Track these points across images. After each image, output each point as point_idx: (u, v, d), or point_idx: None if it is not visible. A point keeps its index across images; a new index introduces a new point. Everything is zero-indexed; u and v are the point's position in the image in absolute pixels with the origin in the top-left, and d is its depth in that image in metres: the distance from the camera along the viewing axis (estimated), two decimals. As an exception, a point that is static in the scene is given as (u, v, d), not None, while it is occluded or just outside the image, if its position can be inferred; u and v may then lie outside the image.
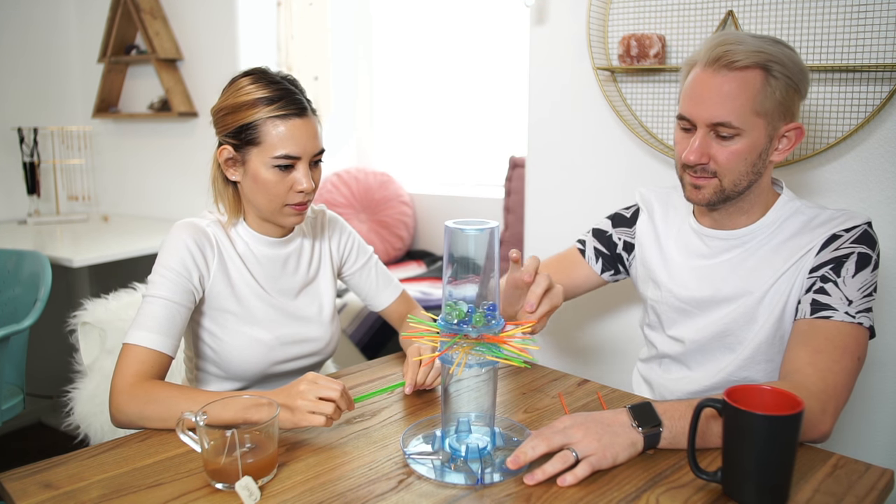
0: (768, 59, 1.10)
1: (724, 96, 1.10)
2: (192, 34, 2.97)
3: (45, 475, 0.93)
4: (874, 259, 1.12)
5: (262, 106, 1.17)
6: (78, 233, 2.88)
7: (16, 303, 2.09)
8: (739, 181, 1.15)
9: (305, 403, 0.99)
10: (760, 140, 1.13)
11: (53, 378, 2.22)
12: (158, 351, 1.14)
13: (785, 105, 1.12)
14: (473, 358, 0.94)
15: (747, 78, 1.10)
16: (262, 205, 1.23)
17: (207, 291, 1.25)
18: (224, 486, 0.89)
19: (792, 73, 1.11)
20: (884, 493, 0.90)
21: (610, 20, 1.77)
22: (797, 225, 1.19)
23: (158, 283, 1.18)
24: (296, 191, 1.21)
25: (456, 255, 0.94)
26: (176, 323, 1.17)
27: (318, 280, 1.37)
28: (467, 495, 0.89)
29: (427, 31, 3.34)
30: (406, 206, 3.32)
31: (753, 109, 1.10)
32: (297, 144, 1.19)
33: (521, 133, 2.12)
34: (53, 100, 3.26)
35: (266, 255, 1.30)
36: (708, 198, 1.18)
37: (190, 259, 1.20)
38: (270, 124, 1.17)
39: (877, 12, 1.41)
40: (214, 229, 1.26)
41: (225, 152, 1.22)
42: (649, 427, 0.95)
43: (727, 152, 1.13)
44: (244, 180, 1.23)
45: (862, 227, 1.14)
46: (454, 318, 0.93)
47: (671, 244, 1.32)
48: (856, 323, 1.08)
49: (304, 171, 1.21)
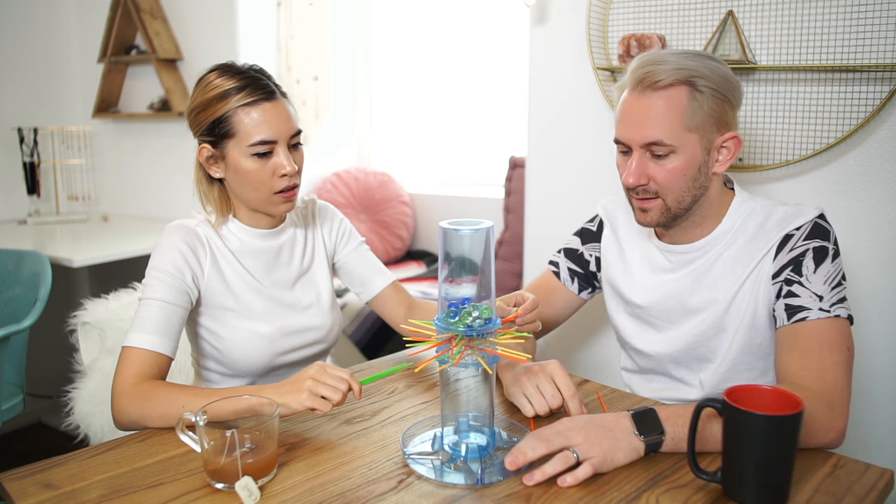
0: (691, 75, 1.11)
1: (652, 116, 1.11)
2: (192, 34, 2.97)
3: (45, 475, 0.93)
4: (832, 249, 1.12)
5: (231, 96, 1.18)
6: (78, 233, 2.88)
7: (16, 303, 2.09)
8: (682, 198, 1.15)
9: (315, 386, 1.00)
10: (696, 154, 1.13)
11: (53, 378, 2.22)
12: (157, 352, 1.14)
13: (716, 117, 1.13)
14: (472, 358, 0.94)
15: (672, 95, 1.11)
16: (250, 196, 1.23)
17: (203, 291, 1.25)
18: (224, 486, 0.89)
19: (717, 84, 1.11)
20: (884, 493, 0.90)
21: (610, 20, 1.77)
22: (752, 227, 1.19)
23: (152, 285, 1.19)
24: (279, 175, 1.20)
25: (451, 256, 0.94)
26: (173, 323, 1.17)
27: (313, 268, 1.38)
28: (467, 495, 0.89)
29: (427, 31, 3.34)
30: (406, 206, 3.32)
31: (683, 125, 1.11)
32: (270, 128, 1.18)
33: (521, 133, 2.12)
34: (53, 100, 3.26)
35: (259, 248, 1.30)
36: (656, 219, 1.18)
37: (182, 260, 1.21)
38: (242, 113, 1.18)
39: (877, 12, 1.41)
40: (204, 228, 1.27)
41: (204, 151, 1.23)
42: (652, 435, 0.95)
43: (665, 171, 1.13)
44: (227, 175, 1.24)
45: (811, 221, 1.13)
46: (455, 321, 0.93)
47: (636, 257, 1.31)
48: (833, 316, 1.07)
49: (283, 155, 1.20)
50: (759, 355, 1.19)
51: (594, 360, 1.96)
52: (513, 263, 2.65)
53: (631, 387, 1.39)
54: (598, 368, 1.95)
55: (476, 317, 0.93)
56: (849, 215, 1.52)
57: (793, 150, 1.55)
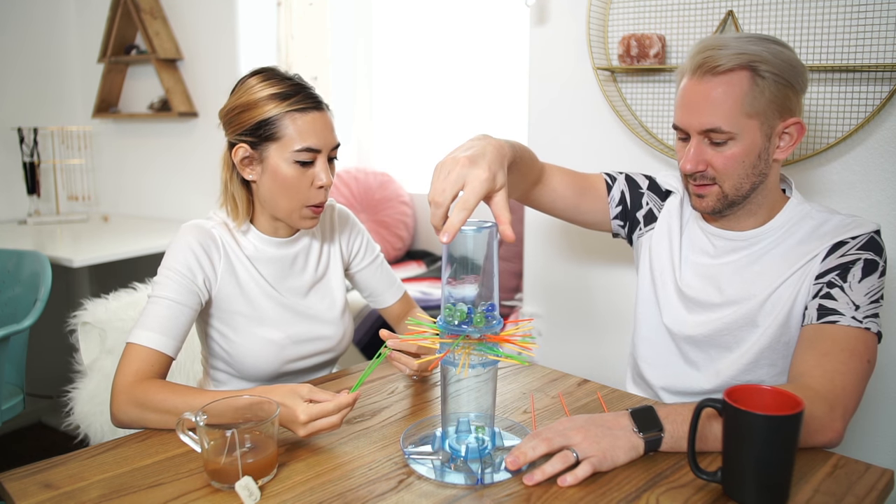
0: (752, 60, 1.09)
1: (711, 102, 1.10)
2: (192, 34, 2.97)
3: (45, 475, 0.93)
4: (881, 265, 1.11)
5: (279, 101, 1.18)
6: (78, 233, 2.88)
7: (16, 303, 2.09)
8: (741, 185, 1.14)
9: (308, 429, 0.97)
10: (756, 141, 1.12)
11: (53, 378, 2.22)
12: (160, 351, 1.14)
13: (778, 102, 1.11)
14: (475, 358, 0.94)
15: (733, 81, 1.09)
16: (280, 205, 1.22)
17: (215, 294, 1.25)
18: (224, 486, 0.89)
19: (780, 69, 1.09)
20: (884, 493, 0.90)
21: (610, 20, 1.77)
22: (806, 230, 1.17)
23: (163, 283, 1.19)
24: (316, 186, 1.21)
25: (455, 256, 0.94)
26: (179, 324, 1.17)
27: (327, 277, 1.37)
28: (467, 495, 0.89)
29: (427, 31, 3.34)
30: (406, 206, 3.32)
31: (743, 111, 1.10)
32: (317, 137, 1.20)
33: (521, 133, 2.11)
34: (53, 100, 3.26)
35: (274, 256, 1.30)
36: (712, 205, 1.17)
37: (194, 261, 1.21)
38: (289, 119, 1.18)
39: (877, 12, 1.42)
40: (220, 231, 1.26)
41: (241, 151, 1.21)
42: (651, 432, 0.95)
43: (723, 157, 1.12)
44: (262, 179, 1.22)
45: (868, 235, 1.12)
46: (455, 320, 0.93)
47: (676, 237, 1.30)
48: (863, 328, 1.07)
49: (323, 166, 1.21)
50: (784, 353, 1.18)
51: (594, 360, 1.96)
52: (513, 263, 2.65)
53: (645, 377, 1.34)
54: (598, 368, 1.95)
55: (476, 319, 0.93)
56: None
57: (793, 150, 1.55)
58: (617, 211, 1.37)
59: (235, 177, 1.26)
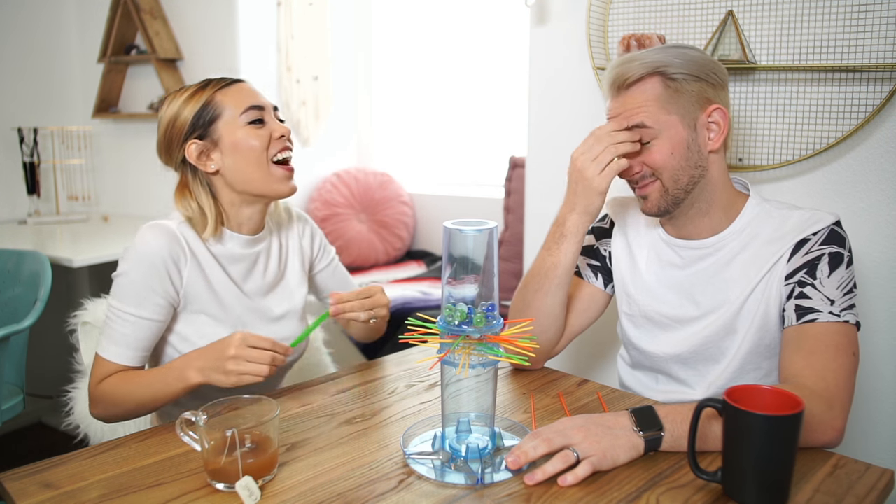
0: (659, 65, 1.14)
1: (633, 108, 1.15)
2: (192, 34, 2.97)
3: (45, 475, 0.93)
4: (847, 256, 1.13)
5: (199, 93, 1.21)
6: (78, 233, 2.88)
7: (16, 303, 2.09)
8: (678, 176, 1.16)
9: (238, 367, 1.04)
10: (682, 133, 1.15)
11: (53, 378, 2.22)
12: (129, 365, 1.18)
13: (695, 96, 1.15)
14: (475, 358, 0.94)
15: (646, 87, 1.14)
16: (251, 172, 1.20)
17: (183, 295, 1.21)
18: (224, 486, 0.89)
19: (688, 67, 1.14)
20: (884, 493, 0.90)
21: (610, 20, 1.77)
22: (769, 230, 1.18)
23: (125, 296, 1.17)
24: (276, 138, 1.22)
25: (455, 256, 0.94)
26: (148, 336, 1.19)
27: (287, 277, 1.36)
28: (467, 495, 0.89)
29: (427, 31, 3.34)
30: (406, 206, 3.32)
31: (662, 109, 1.14)
32: (254, 97, 1.22)
33: (521, 133, 2.12)
34: (53, 100, 3.26)
35: (240, 255, 1.27)
36: (657, 203, 1.18)
37: (155, 277, 1.17)
38: (220, 95, 1.21)
39: (877, 12, 1.41)
40: (184, 229, 1.21)
41: (193, 148, 1.20)
42: (651, 431, 0.95)
43: (654, 153, 1.15)
44: (224, 161, 1.20)
45: (829, 228, 1.14)
46: (455, 320, 0.93)
47: (644, 255, 1.31)
48: (842, 321, 1.08)
49: (273, 120, 1.24)
50: (767, 355, 1.19)
51: (594, 360, 1.96)
52: (513, 263, 2.65)
53: (627, 384, 1.38)
54: (598, 368, 1.95)
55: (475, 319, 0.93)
56: (849, 215, 1.52)
57: (793, 150, 1.55)
58: (601, 281, 1.37)
59: (199, 187, 1.23)
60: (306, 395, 1.21)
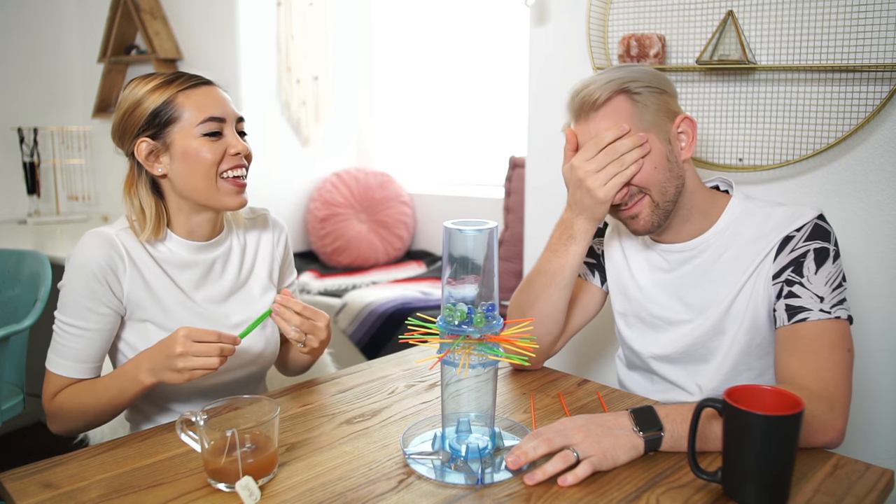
0: (622, 83, 1.13)
1: (605, 129, 1.12)
2: (192, 34, 2.97)
3: (45, 475, 0.93)
4: (833, 250, 1.12)
5: (164, 87, 1.15)
6: (78, 233, 2.88)
7: (16, 303, 2.09)
8: (666, 189, 1.15)
9: (187, 363, 1.03)
10: (659, 147, 1.15)
11: (53, 378, 2.22)
12: (81, 378, 1.17)
13: (662, 109, 1.15)
14: (475, 358, 0.94)
15: (615, 107, 1.13)
16: (197, 183, 1.15)
17: (126, 303, 1.18)
18: (224, 486, 0.89)
19: (649, 81, 1.14)
20: (884, 493, 0.90)
21: (610, 20, 1.77)
22: (752, 229, 1.18)
23: (69, 308, 1.15)
24: (230, 154, 1.16)
25: (455, 256, 0.94)
26: (96, 347, 1.17)
27: (249, 284, 1.29)
28: (467, 495, 0.89)
29: (427, 31, 3.35)
30: (406, 206, 3.32)
31: (636, 127, 1.13)
32: (217, 107, 1.16)
33: (521, 133, 2.12)
34: (53, 100, 3.26)
35: (191, 261, 1.22)
36: (648, 220, 1.17)
37: (96, 282, 1.14)
38: (184, 96, 1.15)
39: (877, 12, 1.41)
40: (125, 237, 1.17)
41: (143, 146, 1.15)
42: (651, 431, 0.95)
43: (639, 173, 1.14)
44: (172, 167, 1.16)
45: (812, 223, 1.13)
46: (455, 320, 0.93)
47: (634, 257, 1.31)
48: (833, 318, 1.08)
49: (232, 135, 1.18)
50: (759, 355, 1.19)
51: (594, 360, 1.96)
52: (513, 263, 2.65)
53: (625, 385, 1.38)
54: (597, 368, 1.95)
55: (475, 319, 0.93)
56: (849, 215, 1.52)
57: (793, 150, 1.55)
58: (598, 279, 1.38)
59: (142, 186, 1.19)
60: (306, 395, 1.21)
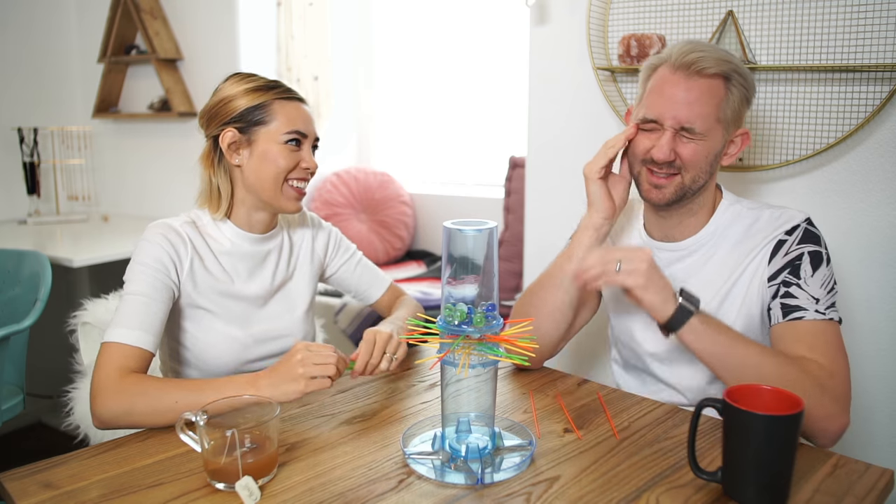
0: (731, 70, 1.14)
1: (694, 101, 1.13)
2: (192, 34, 2.97)
3: (45, 475, 0.93)
4: (825, 254, 1.16)
5: (263, 91, 1.25)
6: (78, 233, 2.88)
7: (16, 303, 2.09)
8: (699, 178, 1.18)
9: (307, 370, 1.03)
10: (718, 144, 1.17)
11: (53, 378, 2.22)
12: (140, 347, 1.12)
13: (738, 113, 1.17)
14: (475, 358, 0.94)
15: (712, 86, 1.14)
16: (266, 183, 1.25)
17: (182, 288, 1.24)
18: (224, 486, 0.89)
19: (747, 84, 1.16)
20: (884, 493, 0.90)
21: (610, 20, 1.77)
22: (739, 232, 1.21)
23: (135, 279, 1.18)
24: (301, 167, 1.27)
25: (455, 256, 0.94)
26: (156, 318, 1.16)
27: (295, 277, 1.38)
28: (467, 495, 0.89)
29: (427, 31, 3.34)
30: (406, 205, 3.32)
31: (716, 116, 1.14)
32: (304, 124, 1.27)
33: (521, 133, 2.12)
34: (53, 100, 3.26)
35: (247, 252, 1.30)
36: (669, 196, 1.19)
37: (165, 255, 1.21)
38: (277, 105, 1.25)
39: (877, 12, 1.42)
40: (187, 228, 1.26)
41: (229, 135, 1.24)
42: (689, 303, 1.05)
43: (691, 149, 1.15)
44: (249, 163, 1.25)
45: (802, 227, 1.16)
46: (455, 320, 0.93)
47: None
48: (827, 319, 1.11)
49: (308, 150, 1.29)
50: None
51: (593, 360, 1.96)
52: (513, 263, 2.65)
53: (620, 386, 1.38)
54: (597, 368, 1.95)
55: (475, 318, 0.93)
56: (849, 215, 1.52)
57: (793, 150, 1.55)
58: None
59: (221, 169, 1.28)
60: (306, 395, 1.21)
